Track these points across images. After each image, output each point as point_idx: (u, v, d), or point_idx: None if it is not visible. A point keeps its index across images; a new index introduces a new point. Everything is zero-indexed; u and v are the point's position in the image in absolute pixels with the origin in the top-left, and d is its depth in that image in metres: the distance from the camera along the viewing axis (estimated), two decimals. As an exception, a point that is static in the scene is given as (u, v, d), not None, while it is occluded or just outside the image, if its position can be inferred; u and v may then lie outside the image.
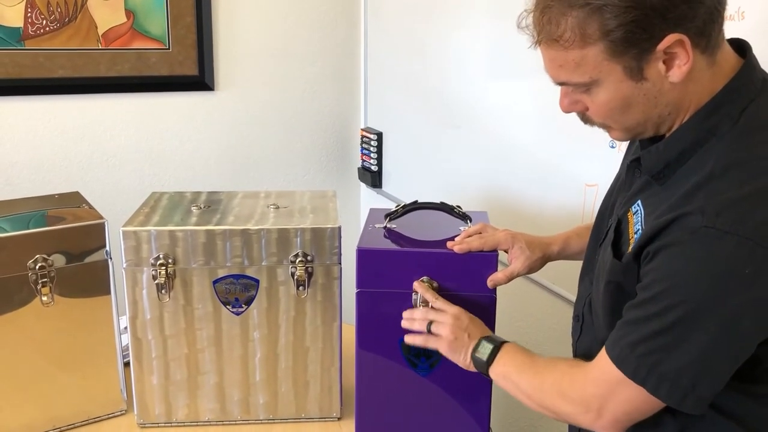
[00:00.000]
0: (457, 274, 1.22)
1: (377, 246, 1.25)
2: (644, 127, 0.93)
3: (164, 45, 2.21)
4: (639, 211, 0.95)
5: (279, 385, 1.37)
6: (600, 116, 0.94)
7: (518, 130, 1.75)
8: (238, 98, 2.36)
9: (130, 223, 1.30)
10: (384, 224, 1.33)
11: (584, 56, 0.87)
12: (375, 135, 2.41)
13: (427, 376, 1.27)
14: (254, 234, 1.29)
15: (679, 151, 0.90)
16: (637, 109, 0.90)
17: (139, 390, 1.35)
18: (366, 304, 1.25)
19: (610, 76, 0.88)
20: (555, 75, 0.93)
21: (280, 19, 2.36)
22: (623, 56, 0.86)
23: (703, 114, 0.89)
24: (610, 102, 0.90)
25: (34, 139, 2.14)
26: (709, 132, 0.89)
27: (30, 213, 1.39)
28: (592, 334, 1.09)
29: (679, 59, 0.85)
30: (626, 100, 0.89)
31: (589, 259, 1.15)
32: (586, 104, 0.93)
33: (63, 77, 2.12)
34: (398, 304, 1.23)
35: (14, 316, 1.28)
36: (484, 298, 1.22)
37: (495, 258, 1.22)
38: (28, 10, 2.04)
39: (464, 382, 1.26)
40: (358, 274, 1.24)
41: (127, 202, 2.12)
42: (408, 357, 1.26)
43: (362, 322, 1.25)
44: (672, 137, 0.92)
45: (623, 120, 0.92)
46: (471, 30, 1.90)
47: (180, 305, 1.31)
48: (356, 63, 2.51)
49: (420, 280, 1.22)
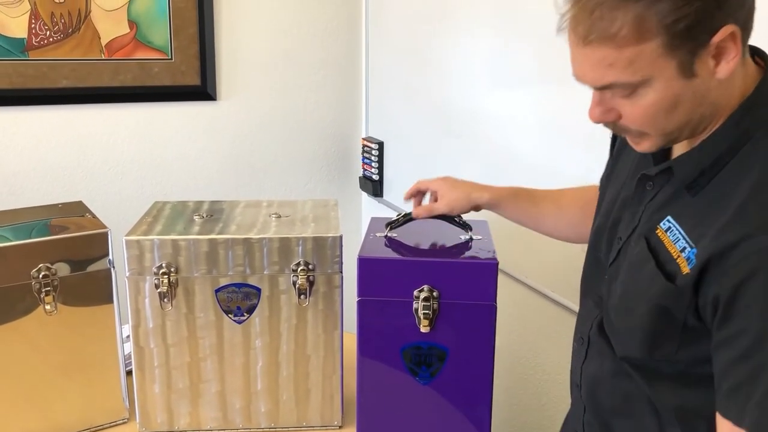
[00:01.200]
0: (458, 282, 1.23)
1: (378, 255, 1.26)
2: (681, 132, 0.88)
3: (167, 55, 2.23)
4: (673, 227, 0.90)
5: (280, 394, 1.38)
6: (641, 121, 0.87)
7: (519, 139, 1.76)
8: (240, 108, 2.38)
9: (133, 233, 1.31)
10: (385, 233, 1.34)
11: (640, 53, 0.82)
12: (376, 144, 2.42)
13: (428, 384, 1.27)
14: (256, 243, 1.30)
15: (715, 157, 0.87)
16: (682, 109, 0.85)
17: (141, 398, 1.36)
18: (367, 313, 1.25)
19: (663, 74, 0.83)
20: (600, 77, 0.85)
21: (281, 29, 2.38)
22: (679, 51, 0.81)
23: (738, 116, 0.86)
24: (658, 103, 0.84)
25: (38, 149, 2.15)
26: (744, 135, 0.86)
27: (33, 222, 1.40)
28: (601, 359, 1.06)
29: (728, 54, 0.82)
30: (675, 99, 0.84)
31: (590, 276, 1.12)
32: (620, 112, 0.88)
33: (66, 87, 2.13)
34: (399, 312, 1.24)
35: (17, 324, 1.29)
36: (485, 306, 1.23)
37: (495, 266, 1.23)
38: (32, 21, 2.05)
39: (465, 390, 1.26)
40: (359, 283, 1.24)
41: (129, 211, 2.14)
42: (409, 365, 1.27)
43: (363, 331, 1.26)
44: (707, 142, 0.88)
45: (666, 123, 0.87)
46: (472, 39, 1.92)
47: (182, 314, 1.32)
48: (357, 73, 2.52)
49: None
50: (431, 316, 1.22)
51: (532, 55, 1.70)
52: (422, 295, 1.23)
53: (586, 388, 1.11)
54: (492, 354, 1.25)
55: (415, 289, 1.23)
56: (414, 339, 1.25)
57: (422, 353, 1.25)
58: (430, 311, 1.22)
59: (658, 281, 0.90)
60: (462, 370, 1.26)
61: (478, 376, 1.26)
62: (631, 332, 0.96)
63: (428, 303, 1.22)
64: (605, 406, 1.07)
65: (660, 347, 0.93)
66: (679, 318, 0.88)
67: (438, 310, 1.23)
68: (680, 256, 0.88)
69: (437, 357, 1.25)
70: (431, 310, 1.22)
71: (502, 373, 1.66)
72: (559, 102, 1.61)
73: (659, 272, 0.90)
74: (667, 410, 0.98)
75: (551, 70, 1.64)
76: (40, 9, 2.05)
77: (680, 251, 0.88)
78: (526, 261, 1.73)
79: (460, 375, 1.24)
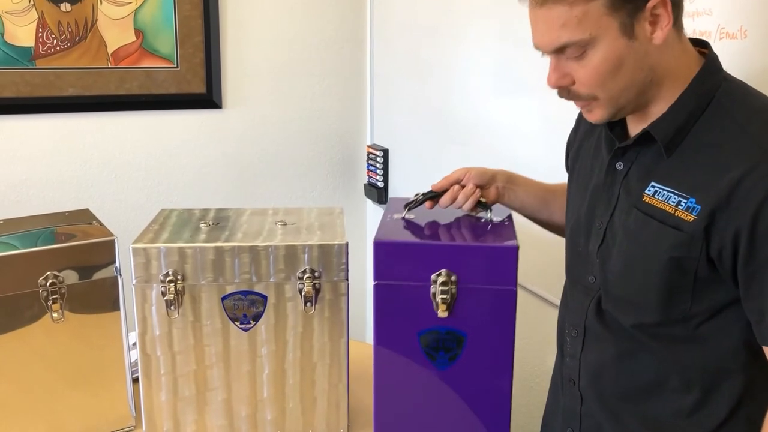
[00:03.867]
0: (477, 266, 1.19)
1: (394, 238, 1.23)
2: (627, 98, 0.99)
3: (173, 63, 2.24)
4: (660, 190, 0.99)
5: (286, 402, 1.38)
6: (590, 83, 0.97)
7: (523, 147, 1.77)
8: (246, 116, 2.39)
9: (139, 240, 1.31)
10: (402, 215, 1.32)
11: (587, 11, 0.93)
12: (381, 152, 2.43)
13: (446, 369, 1.24)
14: (262, 251, 1.31)
15: (686, 115, 0.97)
16: (626, 70, 0.96)
17: (147, 406, 1.36)
18: (383, 297, 1.22)
19: (607, 33, 0.94)
20: (555, 38, 0.96)
21: (287, 38, 2.39)
22: (620, 12, 0.93)
23: (697, 82, 0.98)
24: (605, 62, 0.95)
25: (45, 157, 2.16)
26: (706, 95, 0.97)
27: (40, 230, 1.41)
28: (601, 345, 1.10)
29: (662, 21, 0.94)
30: (619, 60, 0.95)
31: (574, 268, 1.16)
32: (574, 77, 0.98)
33: (73, 95, 2.14)
34: (416, 297, 1.21)
35: (25, 332, 1.29)
36: (505, 291, 1.19)
37: (515, 250, 1.19)
38: (39, 30, 2.07)
39: (484, 376, 1.23)
40: (375, 267, 1.21)
41: (136, 219, 2.15)
42: (426, 351, 1.24)
43: (380, 315, 1.23)
44: (677, 104, 0.99)
45: (612, 85, 0.97)
46: (475, 47, 1.92)
47: (189, 321, 1.32)
48: (362, 81, 2.53)
49: None
50: (449, 301, 1.19)
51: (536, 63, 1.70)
52: (440, 279, 1.19)
53: (588, 378, 1.13)
54: (512, 339, 1.22)
55: (433, 273, 1.20)
56: (431, 324, 1.22)
57: (440, 338, 1.22)
58: (448, 296, 1.19)
59: (666, 234, 0.97)
60: (481, 356, 1.23)
61: (498, 361, 1.23)
62: (645, 295, 1.01)
63: (446, 287, 1.19)
64: (611, 393, 1.09)
65: (675, 304, 0.99)
66: (690, 268, 0.95)
67: (456, 295, 1.20)
68: (677, 209, 0.96)
69: (455, 342, 1.22)
70: (449, 294, 1.19)
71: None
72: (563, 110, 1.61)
73: (665, 225, 0.97)
74: (684, 374, 1.02)
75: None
76: (47, 18, 2.07)
77: (675, 206, 0.96)
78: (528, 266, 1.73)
79: (479, 360, 1.21)
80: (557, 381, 1.24)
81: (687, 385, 1.02)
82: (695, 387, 1.01)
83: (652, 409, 1.05)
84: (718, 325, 0.99)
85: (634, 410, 1.07)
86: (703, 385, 1.01)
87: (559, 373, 1.22)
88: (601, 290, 1.09)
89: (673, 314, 1.00)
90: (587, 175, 1.15)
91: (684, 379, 1.02)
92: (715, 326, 0.99)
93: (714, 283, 0.96)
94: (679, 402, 1.02)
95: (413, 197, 1.34)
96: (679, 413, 1.03)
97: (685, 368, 1.02)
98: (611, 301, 1.07)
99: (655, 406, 1.05)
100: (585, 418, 1.14)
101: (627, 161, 1.05)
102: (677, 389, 1.03)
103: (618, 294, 1.06)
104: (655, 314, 1.01)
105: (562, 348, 1.20)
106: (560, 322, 1.22)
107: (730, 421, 1.01)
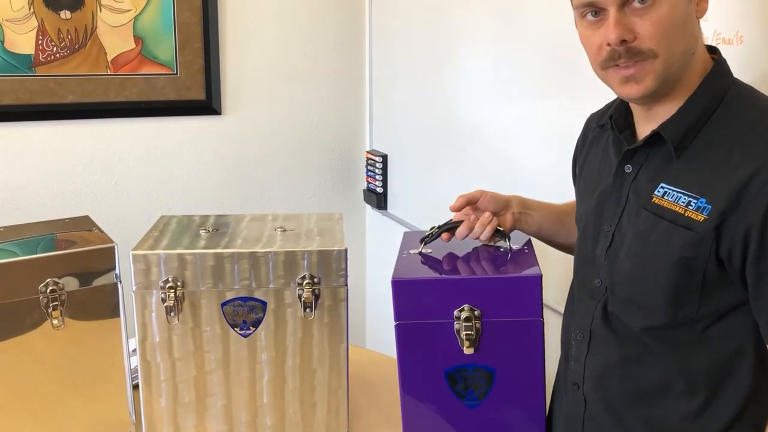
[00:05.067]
0: (500, 299, 1.16)
1: (412, 276, 1.19)
2: (679, 67, 0.98)
3: (172, 70, 2.25)
4: (670, 191, 1.00)
5: (286, 407, 1.38)
6: (656, 35, 0.96)
7: (523, 152, 1.77)
8: (245, 122, 2.39)
9: (139, 247, 1.32)
10: (419, 249, 1.29)
11: None
12: (380, 157, 2.43)
13: (476, 408, 1.21)
14: (262, 257, 1.31)
15: (696, 116, 0.99)
16: (687, 31, 0.97)
17: (147, 412, 1.36)
18: (406, 338, 1.18)
19: None
20: None
21: (286, 44, 2.40)
22: None
23: (707, 84, 1.00)
24: (671, 13, 0.95)
25: (45, 164, 2.16)
26: (715, 98, 0.99)
27: (40, 237, 1.41)
28: (607, 349, 1.10)
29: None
30: (682, 16, 0.96)
31: (581, 273, 1.16)
32: (636, 31, 0.96)
33: (72, 102, 2.15)
34: (440, 335, 1.16)
35: (25, 339, 1.30)
36: (531, 323, 1.16)
37: (539, 279, 1.15)
38: (39, 38, 2.08)
39: (516, 411, 1.20)
40: (395, 307, 1.18)
41: (135, 225, 2.15)
42: (455, 390, 1.20)
43: (404, 357, 1.19)
44: (686, 106, 1.00)
45: (675, 43, 0.97)
46: (475, 52, 1.93)
47: (188, 328, 1.33)
48: (361, 86, 2.54)
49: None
50: (474, 337, 1.16)
51: (536, 69, 1.71)
52: (463, 315, 1.16)
53: (592, 382, 1.13)
54: (542, 371, 1.18)
55: (455, 309, 1.16)
56: (458, 362, 1.18)
57: (468, 376, 1.19)
58: (472, 332, 1.15)
59: (676, 233, 0.97)
60: (511, 391, 1.19)
61: (529, 395, 1.19)
62: (653, 296, 1.01)
63: (470, 323, 1.15)
64: (616, 396, 1.09)
65: (683, 306, 0.99)
66: (699, 269, 0.96)
67: (481, 330, 1.17)
68: (687, 209, 0.96)
69: (484, 379, 1.19)
70: (474, 330, 1.16)
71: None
72: (564, 115, 1.62)
73: (675, 225, 0.97)
74: (690, 378, 1.02)
75: (555, 84, 1.65)
76: (47, 25, 2.07)
77: (686, 206, 0.97)
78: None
79: (509, 396, 1.17)
80: (561, 385, 1.24)
81: (692, 389, 1.02)
82: (701, 391, 1.01)
83: (656, 413, 1.05)
84: (724, 329, 0.99)
85: (638, 414, 1.07)
86: (708, 389, 1.01)
87: (563, 377, 1.22)
88: (607, 293, 1.09)
89: (681, 316, 1.00)
90: (595, 180, 1.15)
91: (689, 382, 1.02)
92: (721, 329, 0.99)
93: (722, 285, 0.97)
94: (684, 406, 1.02)
95: (429, 230, 1.30)
96: (684, 417, 1.03)
97: (691, 372, 1.02)
98: (618, 303, 1.08)
99: (659, 410, 1.05)
100: (588, 423, 1.14)
101: (636, 164, 1.06)
102: (682, 393, 1.03)
103: (625, 296, 1.06)
104: (663, 316, 1.01)
105: (566, 352, 1.20)
106: (565, 326, 1.22)
107: (736, 424, 1.01)
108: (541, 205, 1.37)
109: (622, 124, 1.10)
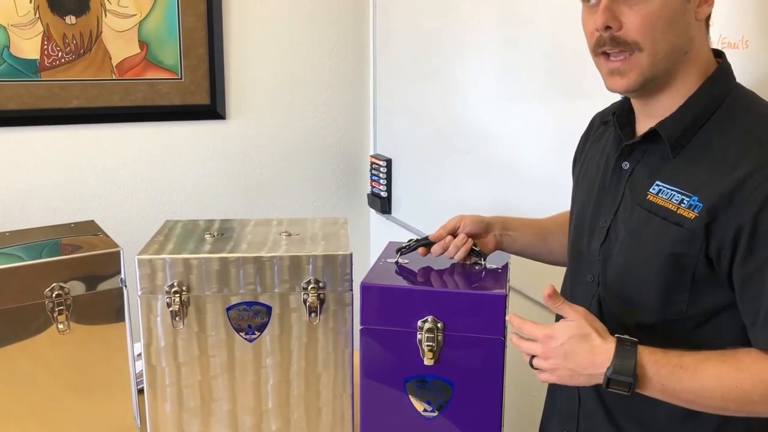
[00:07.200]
0: (464, 314, 1.17)
1: (381, 282, 1.22)
2: (665, 64, 0.99)
3: (177, 75, 2.25)
4: (664, 188, 1.01)
5: (291, 412, 1.38)
6: (642, 28, 0.97)
7: (528, 156, 1.77)
8: (250, 126, 2.40)
9: (145, 252, 1.32)
10: (396, 259, 1.31)
11: None
12: (384, 161, 2.43)
13: (432, 421, 1.22)
14: (267, 261, 1.31)
15: (694, 116, 1.00)
16: (676, 29, 0.97)
17: (152, 417, 1.36)
18: (370, 342, 1.21)
19: None
20: None
21: (290, 49, 2.40)
22: None
23: (708, 85, 1.01)
24: (661, 9, 0.96)
25: (50, 168, 2.17)
26: (715, 99, 1.00)
27: (46, 241, 1.41)
28: None
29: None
30: (673, 14, 0.97)
31: (575, 269, 1.17)
32: (624, 21, 0.97)
33: (78, 107, 2.16)
34: (403, 343, 1.18)
35: (30, 343, 1.30)
36: (493, 341, 1.17)
37: (502, 299, 1.17)
38: (45, 43, 2.08)
39: (473, 423, 1.21)
40: (362, 311, 1.20)
41: (141, 230, 2.16)
42: (413, 399, 1.22)
43: (366, 361, 1.22)
44: (685, 105, 1.01)
45: (661, 39, 0.97)
46: (479, 56, 1.93)
47: (194, 332, 1.33)
48: (365, 90, 2.54)
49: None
50: (435, 348, 1.17)
51: (541, 73, 1.71)
52: (426, 326, 1.17)
53: None
54: (500, 390, 1.19)
55: (419, 320, 1.18)
56: (418, 371, 1.20)
57: (427, 386, 1.20)
58: (434, 343, 1.17)
59: (668, 230, 0.99)
60: (469, 406, 1.20)
61: (486, 412, 1.20)
62: (644, 292, 1.03)
63: (432, 335, 1.17)
64: (609, 394, 1.08)
65: (672, 303, 1.00)
66: (689, 267, 0.97)
67: (443, 342, 1.18)
68: (680, 207, 0.98)
69: (442, 391, 1.20)
70: (435, 342, 1.17)
71: (514, 392, 1.66)
72: (567, 118, 1.62)
73: (667, 222, 0.99)
74: None
75: (559, 87, 1.65)
76: (52, 31, 2.08)
77: (678, 204, 0.98)
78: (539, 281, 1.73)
79: (466, 411, 1.18)
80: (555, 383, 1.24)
81: None
82: None
83: (648, 413, 1.06)
84: (713, 329, 1.00)
85: (630, 413, 1.08)
86: None
87: None
88: (600, 288, 1.11)
89: (670, 314, 1.01)
90: (593, 177, 1.17)
91: None
92: (710, 330, 1.00)
93: (711, 284, 0.98)
94: (674, 406, 1.02)
95: (406, 242, 1.33)
96: (674, 417, 1.04)
97: None
98: (610, 299, 1.09)
99: (651, 410, 1.05)
100: (582, 420, 1.16)
101: (633, 161, 1.07)
102: None
103: (617, 291, 1.08)
104: (653, 313, 1.02)
105: None
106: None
107: (725, 426, 1.01)
108: (524, 224, 1.37)
109: (623, 121, 1.11)
